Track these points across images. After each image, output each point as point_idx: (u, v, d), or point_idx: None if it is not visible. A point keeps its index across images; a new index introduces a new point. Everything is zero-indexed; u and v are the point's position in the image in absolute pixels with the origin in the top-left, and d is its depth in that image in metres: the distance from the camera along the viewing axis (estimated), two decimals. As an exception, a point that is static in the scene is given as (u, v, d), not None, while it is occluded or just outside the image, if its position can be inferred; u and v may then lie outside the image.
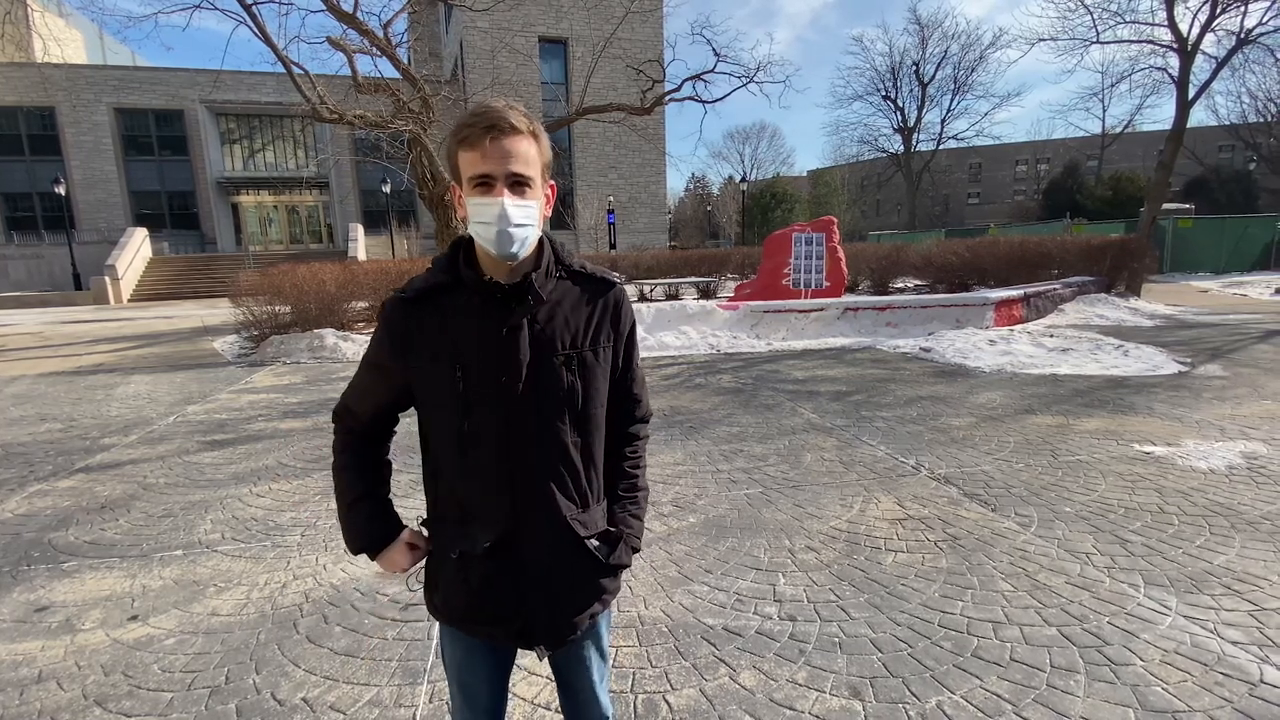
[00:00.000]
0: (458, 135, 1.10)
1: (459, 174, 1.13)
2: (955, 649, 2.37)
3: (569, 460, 1.21)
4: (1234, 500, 3.64)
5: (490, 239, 1.09)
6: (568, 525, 1.21)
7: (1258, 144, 37.50)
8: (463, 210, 1.14)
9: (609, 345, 1.25)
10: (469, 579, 1.20)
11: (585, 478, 1.24)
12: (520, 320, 1.14)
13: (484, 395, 1.14)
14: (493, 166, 1.08)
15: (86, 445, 5.43)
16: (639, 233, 34.74)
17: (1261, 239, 23.90)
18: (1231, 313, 12.62)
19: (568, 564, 1.22)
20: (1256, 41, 17.39)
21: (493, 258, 1.12)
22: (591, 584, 1.26)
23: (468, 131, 1.08)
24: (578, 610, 1.24)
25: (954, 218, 56.02)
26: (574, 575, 1.24)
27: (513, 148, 1.08)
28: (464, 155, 1.10)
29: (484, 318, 1.14)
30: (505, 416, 1.15)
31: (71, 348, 11.89)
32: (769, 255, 12.62)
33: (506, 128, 1.07)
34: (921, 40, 45.71)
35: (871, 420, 5.52)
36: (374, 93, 12.34)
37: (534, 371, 1.15)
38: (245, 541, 3.48)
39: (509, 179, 1.08)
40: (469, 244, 1.19)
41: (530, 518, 1.18)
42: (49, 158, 31.78)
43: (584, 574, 1.24)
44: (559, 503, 1.20)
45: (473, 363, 1.14)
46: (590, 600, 1.26)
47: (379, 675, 2.31)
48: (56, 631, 2.66)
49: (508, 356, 1.14)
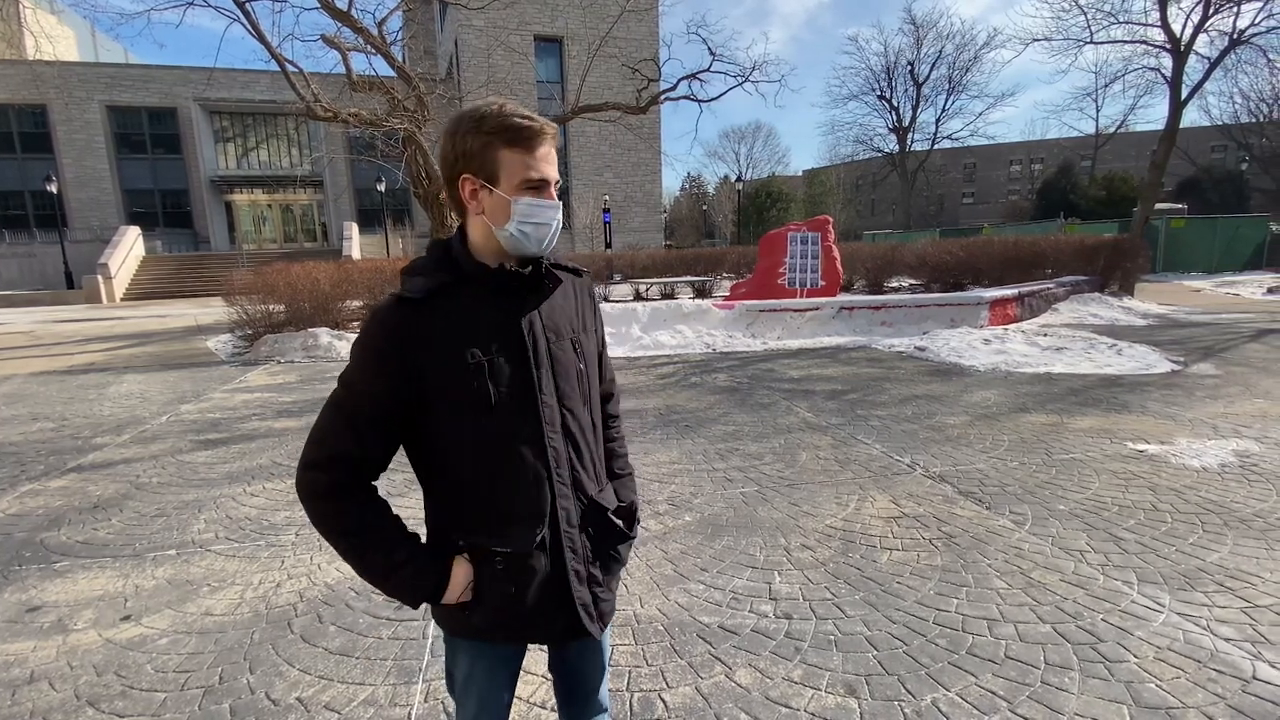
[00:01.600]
0: (506, 135, 1.08)
1: (493, 171, 1.10)
2: (950, 646, 2.37)
3: (591, 441, 1.27)
4: (1226, 498, 3.66)
5: (541, 238, 1.13)
6: (597, 504, 1.25)
7: (1250, 144, 37.70)
8: (478, 206, 1.13)
9: (593, 330, 1.32)
10: (518, 584, 1.16)
11: (600, 456, 1.31)
12: (536, 306, 1.17)
13: (510, 385, 1.14)
14: (549, 170, 1.13)
15: (78, 445, 5.40)
16: (634, 232, 34.72)
17: (1253, 239, 24.05)
18: (1224, 312, 12.70)
19: (598, 542, 1.26)
20: (1249, 42, 17.44)
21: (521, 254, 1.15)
22: (615, 557, 1.30)
23: (523, 133, 1.09)
24: (609, 588, 1.28)
25: (949, 217, 56.14)
26: (604, 552, 1.27)
27: (553, 154, 1.14)
28: (513, 155, 1.09)
29: (499, 309, 1.15)
30: (534, 403, 1.16)
31: (63, 347, 11.81)
32: (764, 254, 12.64)
33: (554, 133, 1.13)
34: (916, 40, 45.76)
35: (867, 419, 5.53)
36: (369, 91, 12.30)
37: (551, 356, 1.18)
38: (239, 541, 3.46)
39: (556, 183, 1.15)
40: (459, 242, 1.18)
41: (567, 503, 1.20)
42: (41, 155, 31.54)
43: (610, 549, 1.28)
44: (588, 484, 1.24)
45: (495, 355, 1.12)
46: (614, 573, 1.30)
47: (374, 674, 2.30)
48: (48, 632, 2.64)
49: (530, 343, 1.16)
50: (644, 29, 31.79)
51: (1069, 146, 48.71)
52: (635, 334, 10.15)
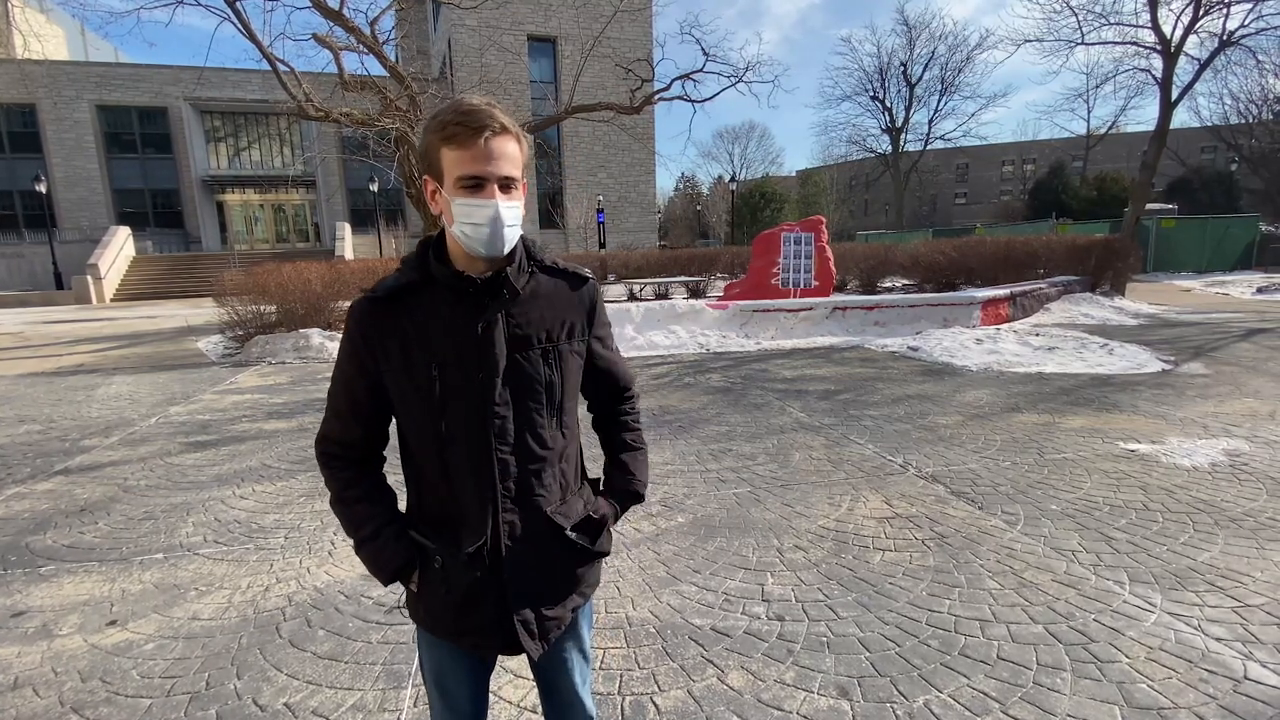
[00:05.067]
0: (443, 133, 1.07)
1: (439, 171, 1.09)
2: (943, 647, 2.37)
3: (548, 453, 1.21)
4: (1217, 497, 3.67)
5: (481, 239, 1.08)
6: (549, 520, 1.21)
7: (1239, 145, 37.94)
8: (437, 206, 1.12)
9: (584, 339, 1.27)
10: (451, 590, 1.17)
11: (562, 469, 1.25)
12: (495, 315, 1.13)
13: (461, 392, 1.13)
14: (485, 167, 1.06)
15: (66, 447, 5.34)
16: (629, 232, 34.70)
17: (1243, 239, 24.23)
18: (1214, 311, 12.78)
19: (550, 559, 1.22)
20: (1239, 43, 17.59)
21: (475, 256, 1.11)
22: (571, 576, 1.26)
23: (457, 130, 1.05)
24: (560, 606, 1.24)
25: (941, 217, 56.34)
26: (555, 570, 1.23)
27: (503, 149, 1.08)
28: (450, 154, 1.07)
29: (458, 315, 1.13)
30: (483, 413, 1.14)
31: (52, 348, 11.71)
32: (758, 255, 12.63)
33: (498, 128, 1.06)
34: (909, 41, 45.94)
35: (859, 419, 5.53)
36: (361, 90, 12.25)
37: (511, 366, 1.15)
38: (227, 544, 3.43)
39: (500, 180, 1.08)
40: (438, 242, 1.17)
41: (512, 517, 1.17)
42: (29, 155, 31.31)
43: (565, 567, 1.25)
44: (540, 498, 1.19)
45: (449, 360, 1.12)
46: (569, 592, 1.26)
47: (363, 679, 2.28)
48: (33, 637, 2.61)
49: (484, 352, 1.13)
50: (637, 29, 31.76)
51: (1061, 147, 48.94)
52: (629, 334, 10.13)
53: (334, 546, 3.35)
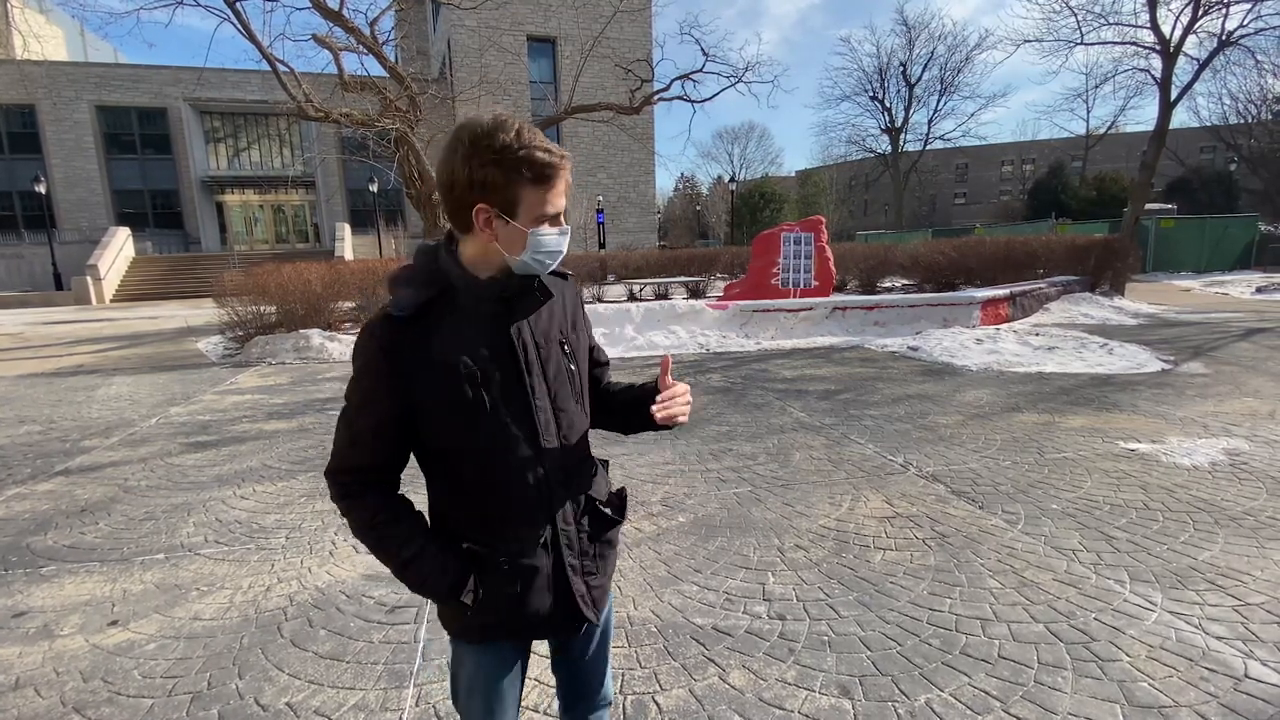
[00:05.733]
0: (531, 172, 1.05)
1: (512, 204, 1.07)
2: (944, 646, 2.37)
3: (584, 439, 1.29)
4: (1217, 496, 3.68)
5: (550, 264, 1.15)
6: (589, 498, 1.28)
7: (1238, 145, 37.97)
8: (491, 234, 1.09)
9: (582, 329, 1.35)
10: (522, 584, 1.19)
11: (590, 449, 1.33)
12: (525, 315, 1.18)
13: (503, 396, 1.15)
14: (565, 203, 1.13)
15: (66, 448, 5.34)
16: (628, 232, 34.71)
17: (1242, 239, 24.25)
18: (1213, 311, 12.79)
19: (592, 534, 1.28)
20: (1238, 43, 17.61)
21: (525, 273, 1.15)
22: (607, 546, 1.32)
23: (546, 170, 1.07)
24: (603, 575, 1.31)
25: (941, 218, 56.35)
26: (597, 543, 1.29)
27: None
28: (535, 191, 1.07)
29: (488, 320, 1.15)
30: (528, 411, 1.17)
31: (52, 349, 11.71)
32: (758, 255, 12.63)
33: (570, 164, 1.12)
34: (908, 41, 45.95)
35: (860, 419, 5.54)
36: (360, 91, 12.26)
37: (543, 362, 1.20)
38: (228, 544, 3.43)
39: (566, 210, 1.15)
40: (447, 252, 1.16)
41: (564, 503, 1.23)
42: (29, 156, 31.28)
43: (602, 539, 1.31)
44: (581, 480, 1.27)
45: (487, 367, 1.13)
46: (607, 561, 1.32)
47: (364, 679, 2.28)
48: (34, 637, 2.61)
49: (522, 353, 1.16)
50: (637, 29, 31.78)
51: (1060, 147, 48.98)
52: (629, 334, 10.13)
53: (335, 546, 3.35)
